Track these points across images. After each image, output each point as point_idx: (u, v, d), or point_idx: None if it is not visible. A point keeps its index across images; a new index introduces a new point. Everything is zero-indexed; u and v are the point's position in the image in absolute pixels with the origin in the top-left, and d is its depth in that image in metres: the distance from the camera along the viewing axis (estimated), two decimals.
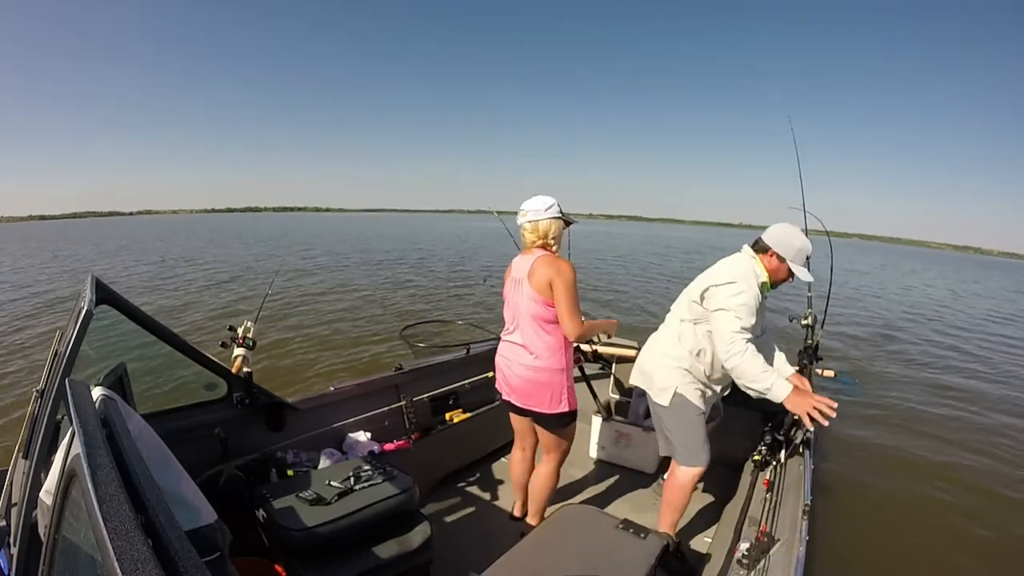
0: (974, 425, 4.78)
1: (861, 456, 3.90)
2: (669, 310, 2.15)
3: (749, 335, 1.79)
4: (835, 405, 1.72)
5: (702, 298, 1.91)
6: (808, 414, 1.71)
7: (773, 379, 1.75)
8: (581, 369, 2.99)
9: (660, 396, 2.01)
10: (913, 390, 5.68)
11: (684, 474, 2.01)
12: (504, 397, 2.10)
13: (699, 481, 2.06)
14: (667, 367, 2.00)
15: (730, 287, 1.82)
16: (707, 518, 2.47)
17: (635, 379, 2.19)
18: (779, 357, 2.12)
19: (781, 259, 1.90)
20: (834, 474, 3.52)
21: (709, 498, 2.61)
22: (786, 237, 1.91)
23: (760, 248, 1.95)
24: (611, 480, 2.80)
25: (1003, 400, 5.61)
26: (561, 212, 1.96)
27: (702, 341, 1.96)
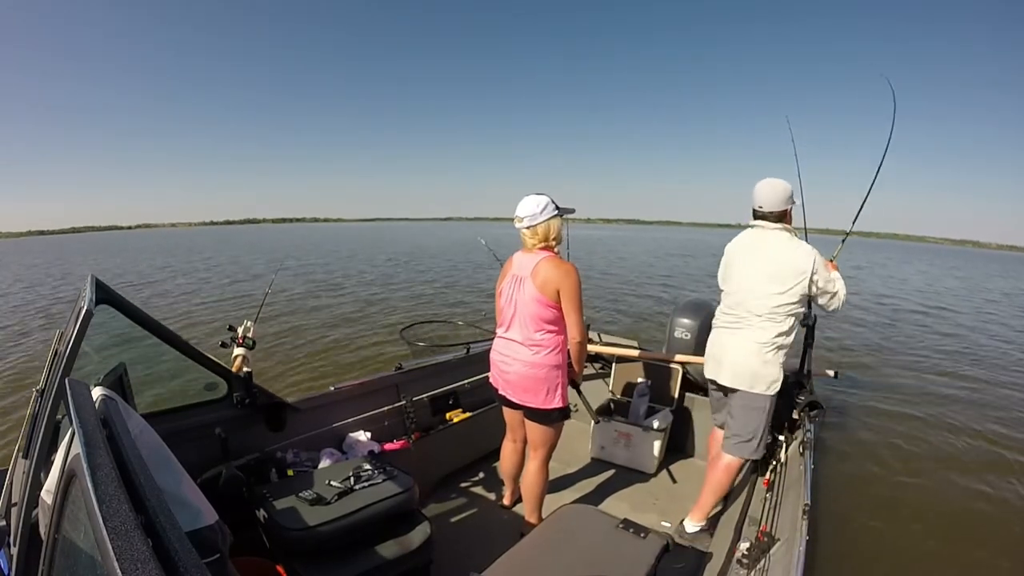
0: (981, 417, 4.73)
1: (862, 455, 3.89)
2: (722, 307, 2.20)
3: None
4: None
5: (811, 283, 2.01)
6: None
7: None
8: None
9: (773, 388, 2.06)
10: (916, 387, 5.66)
11: (734, 461, 2.14)
12: (500, 392, 2.12)
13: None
14: (771, 360, 2.05)
15: (819, 259, 2.01)
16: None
17: (727, 379, 2.13)
18: None
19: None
20: (834, 474, 3.51)
21: None
22: (783, 192, 2.05)
23: (778, 218, 2.07)
24: (611, 480, 2.80)
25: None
26: (556, 207, 1.96)
27: (788, 321, 2.06)
